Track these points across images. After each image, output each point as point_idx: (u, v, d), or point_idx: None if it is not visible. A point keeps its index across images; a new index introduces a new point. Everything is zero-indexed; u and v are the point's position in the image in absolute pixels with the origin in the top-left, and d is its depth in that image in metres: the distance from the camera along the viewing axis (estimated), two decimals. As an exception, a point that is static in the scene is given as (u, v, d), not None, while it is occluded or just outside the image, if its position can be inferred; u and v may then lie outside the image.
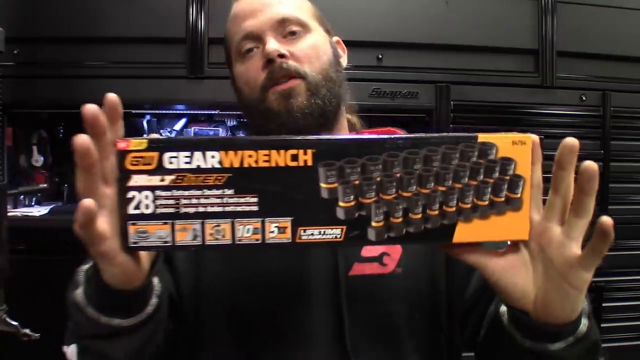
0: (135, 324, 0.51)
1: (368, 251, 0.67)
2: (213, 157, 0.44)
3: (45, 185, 2.15)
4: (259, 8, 0.72)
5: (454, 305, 0.70)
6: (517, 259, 0.50)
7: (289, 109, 0.69)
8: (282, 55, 0.70)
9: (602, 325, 2.16)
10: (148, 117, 2.29)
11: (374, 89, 1.99)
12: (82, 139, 0.44)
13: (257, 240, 0.45)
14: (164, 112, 2.34)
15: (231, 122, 2.43)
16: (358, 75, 1.99)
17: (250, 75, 0.72)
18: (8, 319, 1.53)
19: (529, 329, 0.51)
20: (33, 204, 2.19)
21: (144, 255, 0.49)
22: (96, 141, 0.44)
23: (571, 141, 0.46)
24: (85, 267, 0.55)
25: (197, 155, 0.43)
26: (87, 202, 0.44)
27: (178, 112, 2.36)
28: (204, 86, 1.98)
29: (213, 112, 2.31)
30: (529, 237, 0.49)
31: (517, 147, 0.46)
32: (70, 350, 0.57)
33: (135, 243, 0.45)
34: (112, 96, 0.46)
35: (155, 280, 0.54)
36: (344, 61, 0.81)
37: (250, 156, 0.44)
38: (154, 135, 0.50)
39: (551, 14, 2.09)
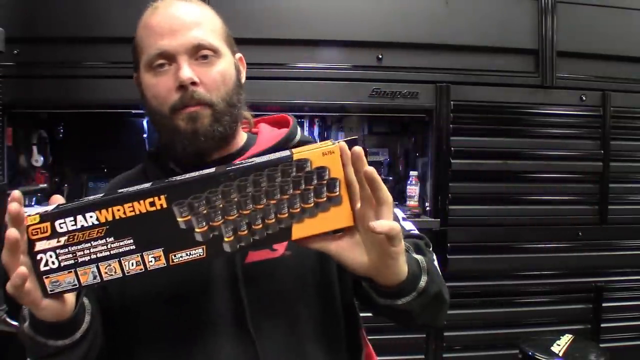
0: (75, 340, 0.65)
1: None
2: (91, 216, 0.56)
3: (45, 185, 2.15)
4: (177, 29, 0.76)
5: (346, 278, 0.81)
6: (351, 241, 0.64)
7: (194, 130, 0.76)
8: (194, 83, 0.75)
9: (602, 325, 2.17)
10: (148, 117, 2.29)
11: (374, 89, 1.99)
12: (13, 233, 0.55)
13: (141, 269, 0.58)
14: (164, 112, 2.34)
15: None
16: (358, 75, 2.00)
17: (160, 91, 0.77)
18: (8, 319, 1.53)
19: (378, 291, 0.67)
20: (33, 204, 2.19)
21: (66, 294, 0.60)
22: (18, 229, 0.55)
23: (358, 150, 0.59)
24: None
25: (79, 218, 0.56)
26: (22, 270, 0.55)
27: (178, 112, 2.36)
28: (204, 86, 1.98)
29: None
30: (354, 223, 0.62)
31: (328, 156, 0.58)
32: None
33: (52, 291, 0.57)
34: (17, 195, 0.56)
35: (86, 301, 0.68)
36: (243, 77, 0.86)
37: (118, 210, 0.56)
38: (56, 200, 0.60)
39: (551, 14, 2.09)
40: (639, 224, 2.21)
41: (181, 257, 0.58)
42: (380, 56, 2.01)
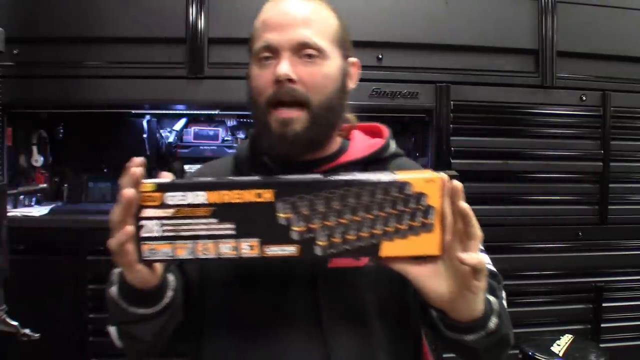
0: (156, 312, 0.68)
1: None
2: (201, 195, 0.59)
3: (45, 185, 2.15)
4: (286, 24, 0.77)
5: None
6: (433, 269, 0.64)
7: (284, 134, 0.76)
8: (290, 80, 0.75)
9: (602, 325, 2.17)
10: (148, 117, 2.29)
11: (374, 89, 1.99)
12: (130, 192, 0.58)
13: (234, 255, 0.61)
14: (164, 112, 2.35)
15: (231, 122, 2.43)
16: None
17: (260, 83, 0.78)
18: (8, 319, 1.53)
19: (446, 323, 0.67)
20: (33, 204, 2.19)
21: (157, 264, 0.64)
22: (135, 189, 0.59)
23: (458, 184, 0.61)
24: (117, 270, 0.69)
25: (190, 194, 0.59)
26: (130, 228, 0.59)
27: (178, 112, 2.36)
28: (204, 86, 1.98)
29: (213, 112, 2.32)
30: (440, 252, 0.63)
31: (429, 184, 0.61)
32: (112, 330, 0.74)
33: (147, 257, 0.61)
34: (140, 160, 0.61)
35: (171, 277, 0.71)
36: (352, 84, 0.85)
37: (226, 195, 0.59)
38: (166, 177, 0.63)
39: (551, 14, 2.09)
40: (639, 224, 2.21)
41: (275, 250, 0.61)
42: (380, 56, 2.01)
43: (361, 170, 0.80)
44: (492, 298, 0.70)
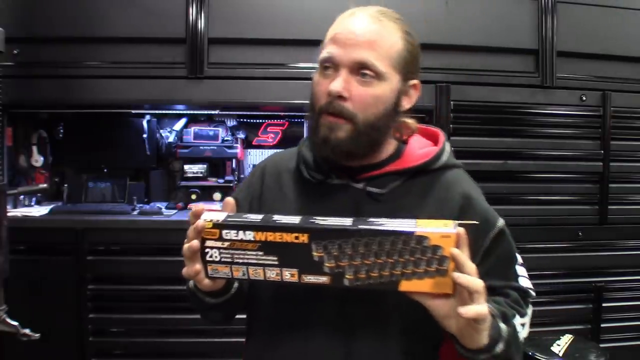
0: (224, 300, 0.86)
1: None
2: (250, 234, 0.74)
3: (45, 185, 2.15)
4: (350, 43, 0.81)
5: None
6: (446, 303, 0.73)
7: (326, 139, 0.83)
8: (341, 97, 0.81)
9: (602, 325, 2.17)
10: (148, 117, 2.29)
11: (374, 89, 1.99)
12: (196, 243, 0.75)
13: (278, 279, 0.76)
14: (164, 112, 2.35)
15: (231, 122, 2.44)
16: (358, 75, 1.99)
17: (318, 90, 0.84)
18: (8, 319, 1.53)
19: (460, 344, 0.76)
20: (33, 204, 2.19)
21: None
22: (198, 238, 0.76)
23: (455, 252, 0.69)
24: None
25: (240, 232, 0.74)
26: (198, 267, 0.76)
27: (178, 112, 2.37)
28: (204, 86, 1.98)
29: (213, 112, 2.32)
30: (453, 292, 0.72)
31: (445, 239, 0.70)
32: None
33: (211, 274, 0.78)
34: (200, 209, 0.77)
35: None
36: (409, 104, 0.88)
37: (270, 235, 0.74)
38: (227, 205, 0.80)
39: (551, 14, 2.09)
40: (639, 224, 2.21)
41: (310, 279, 0.74)
42: (380, 56, 2.01)
43: (407, 180, 0.87)
44: (502, 325, 0.77)
